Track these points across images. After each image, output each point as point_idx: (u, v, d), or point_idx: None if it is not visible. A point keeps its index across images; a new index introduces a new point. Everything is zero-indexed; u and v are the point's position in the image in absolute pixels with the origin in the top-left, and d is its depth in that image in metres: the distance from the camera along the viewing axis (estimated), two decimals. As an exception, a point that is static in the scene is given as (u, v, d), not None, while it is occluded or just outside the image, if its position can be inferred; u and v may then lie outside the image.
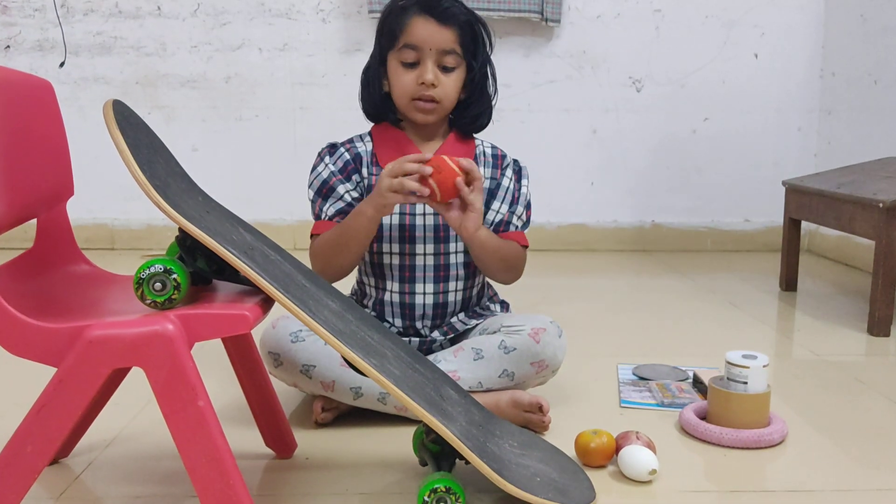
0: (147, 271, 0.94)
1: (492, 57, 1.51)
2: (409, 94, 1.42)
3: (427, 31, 1.40)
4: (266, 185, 3.25)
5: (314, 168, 1.49)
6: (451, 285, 1.49)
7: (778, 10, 3.25)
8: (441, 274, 1.48)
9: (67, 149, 1.14)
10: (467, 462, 1.03)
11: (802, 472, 1.25)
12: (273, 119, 3.23)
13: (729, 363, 1.37)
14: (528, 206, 1.52)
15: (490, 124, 1.53)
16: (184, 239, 1.01)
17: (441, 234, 1.47)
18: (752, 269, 2.99)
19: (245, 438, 1.33)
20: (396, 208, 1.42)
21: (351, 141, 1.51)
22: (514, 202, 1.50)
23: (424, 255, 1.46)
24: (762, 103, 3.32)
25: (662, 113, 3.31)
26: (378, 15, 2.99)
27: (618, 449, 1.24)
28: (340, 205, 1.45)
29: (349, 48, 3.19)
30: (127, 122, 0.97)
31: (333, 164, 1.47)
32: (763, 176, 3.33)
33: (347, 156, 1.48)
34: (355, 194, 1.46)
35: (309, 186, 1.48)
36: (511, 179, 1.51)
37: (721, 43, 3.27)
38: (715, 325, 2.17)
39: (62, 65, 3.14)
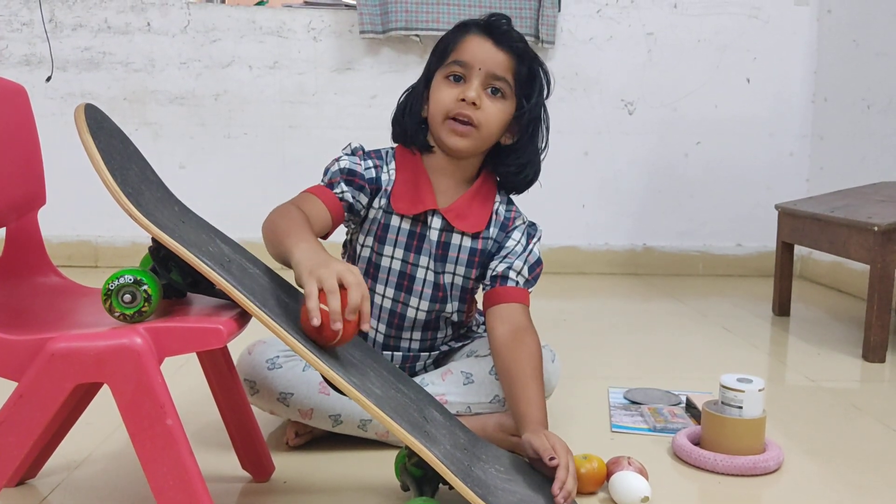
0: (116, 282, 0.89)
1: None
2: (447, 110, 1.30)
3: (481, 49, 1.30)
4: (254, 203, 3.18)
5: (337, 160, 1.34)
6: (440, 333, 1.46)
7: (770, 35, 3.25)
8: (432, 326, 1.43)
9: (40, 156, 1.10)
10: (451, 487, 0.99)
11: (799, 499, 1.21)
12: (262, 137, 3.20)
13: (724, 387, 1.34)
14: (535, 265, 1.39)
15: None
16: (157, 249, 0.97)
17: (440, 294, 1.39)
18: (745, 293, 2.96)
19: (221, 461, 1.28)
20: (399, 254, 1.36)
21: (380, 157, 1.38)
22: (513, 258, 1.38)
23: (418, 309, 1.40)
24: (754, 128, 3.30)
25: (655, 136, 3.29)
26: (369, 35, 3.05)
27: (609, 475, 1.20)
28: (348, 196, 1.31)
29: (340, 67, 3.17)
30: (100, 128, 0.93)
31: (362, 165, 1.35)
32: (755, 200, 3.31)
33: (373, 173, 1.35)
34: (359, 207, 1.34)
35: (332, 166, 1.34)
36: (517, 241, 1.39)
37: (713, 67, 3.26)
38: (708, 350, 2.13)
39: (49, 79, 3.10)
